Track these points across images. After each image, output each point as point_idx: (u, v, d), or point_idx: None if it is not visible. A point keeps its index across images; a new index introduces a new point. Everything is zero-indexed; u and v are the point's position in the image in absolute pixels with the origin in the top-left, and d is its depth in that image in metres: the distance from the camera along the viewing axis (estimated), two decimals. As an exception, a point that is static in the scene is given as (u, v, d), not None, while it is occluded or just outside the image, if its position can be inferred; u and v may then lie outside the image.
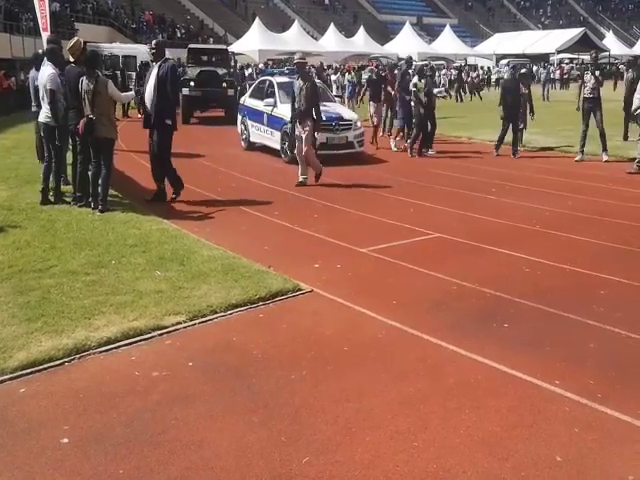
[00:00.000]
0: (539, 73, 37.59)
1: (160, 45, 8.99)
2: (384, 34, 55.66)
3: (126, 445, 3.29)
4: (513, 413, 3.60)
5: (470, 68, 38.50)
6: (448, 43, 52.34)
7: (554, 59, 48.11)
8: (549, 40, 50.29)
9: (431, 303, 5.27)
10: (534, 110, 14.13)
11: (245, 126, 14.36)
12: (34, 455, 3.22)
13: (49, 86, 8.11)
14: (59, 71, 8.33)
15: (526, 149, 14.04)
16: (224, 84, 20.58)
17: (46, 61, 8.54)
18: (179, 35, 43.29)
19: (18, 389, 3.84)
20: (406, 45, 46.84)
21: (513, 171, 11.76)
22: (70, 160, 8.91)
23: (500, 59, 49.23)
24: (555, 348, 4.41)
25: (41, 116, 8.49)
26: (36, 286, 5.33)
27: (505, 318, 4.93)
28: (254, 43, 40.08)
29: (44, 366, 4.07)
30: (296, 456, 3.21)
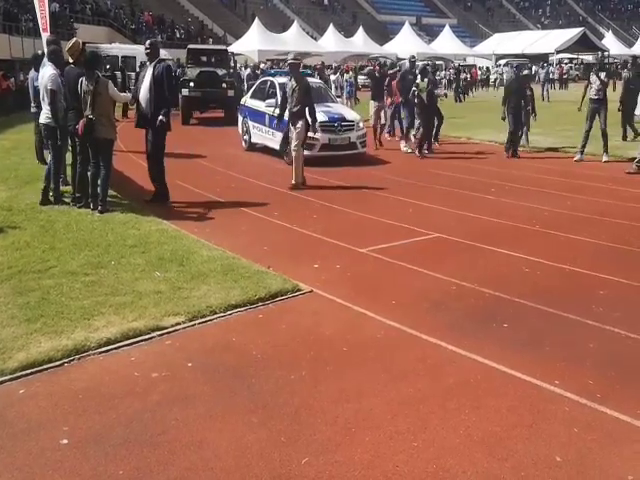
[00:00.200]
0: (538, 73, 37.54)
1: (154, 45, 8.92)
2: (383, 34, 55.75)
3: (126, 446, 3.29)
4: (513, 413, 3.60)
5: (463, 69, 38.31)
6: (447, 43, 52.41)
7: (553, 59, 48.14)
8: (548, 40, 50.37)
9: (430, 303, 5.27)
10: (536, 111, 14.14)
11: (246, 127, 14.35)
12: (34, 456, 3.22)
13: (50, 86, 8.10)
14: (59, 72, 8.33)
15: (525, 149, 14.04)
16: (224, 85, 20.53)
17: (46, 62, 8.54)
18: (178, 36, 43.39)
19: (17, 390, 3.84)
20: (405, 45, 46.92)
21: (513, 171, 11.77)
22: (69, 161, 8.90)
23: (499, 59, 49.29)
24: (554, 348, 4.42)
25: (41, 117, 8.48)
26: (35, 287, 5.33)
27: (504, 318, 4.93)
28: (253, 43, 40.21)
29: (43, 367, 4.06)
30: (296, 456, 3.21)
